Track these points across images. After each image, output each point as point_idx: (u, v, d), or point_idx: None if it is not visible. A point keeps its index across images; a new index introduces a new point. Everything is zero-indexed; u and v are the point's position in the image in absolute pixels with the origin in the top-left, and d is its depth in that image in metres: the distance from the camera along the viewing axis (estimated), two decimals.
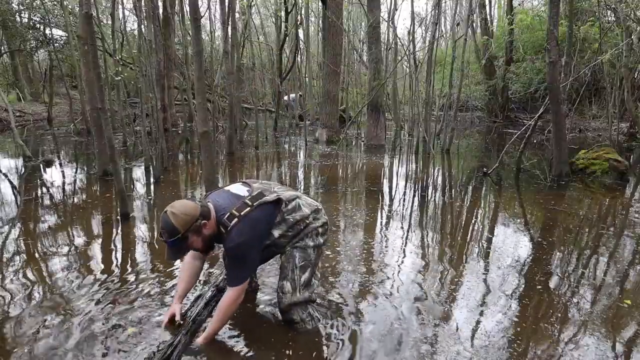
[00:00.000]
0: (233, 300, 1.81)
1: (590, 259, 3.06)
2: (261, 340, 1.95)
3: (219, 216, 1.82)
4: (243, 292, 1.85)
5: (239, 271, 1.82)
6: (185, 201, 1.80)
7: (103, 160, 5.38)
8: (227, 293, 1.83)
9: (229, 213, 1.80)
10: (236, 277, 1.82)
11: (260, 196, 1.87)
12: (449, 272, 2.74)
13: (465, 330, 2.06)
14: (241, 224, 1.78)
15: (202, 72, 4.01)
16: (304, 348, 1.90)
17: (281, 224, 1.92)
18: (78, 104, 11.79)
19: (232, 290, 1.82)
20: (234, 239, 1.77)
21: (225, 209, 1.82)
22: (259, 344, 1.93)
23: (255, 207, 1.82)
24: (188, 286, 2.07)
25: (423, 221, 4.01)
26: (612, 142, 7.98)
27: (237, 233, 1.77)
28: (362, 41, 18.95)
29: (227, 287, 1.84)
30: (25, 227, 3.56)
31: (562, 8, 8.84)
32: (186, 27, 11.66)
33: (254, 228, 1.81)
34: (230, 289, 1.82)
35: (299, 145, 9.71)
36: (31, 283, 2.50)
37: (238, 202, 1.84)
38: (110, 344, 1.90)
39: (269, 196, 1.88)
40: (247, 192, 1.90)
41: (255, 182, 2.01)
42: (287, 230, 1.94)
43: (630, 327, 2.12)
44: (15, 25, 14.23)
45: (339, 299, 2.34)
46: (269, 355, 1.85)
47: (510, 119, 15.09)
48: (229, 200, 1.87)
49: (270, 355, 1.85)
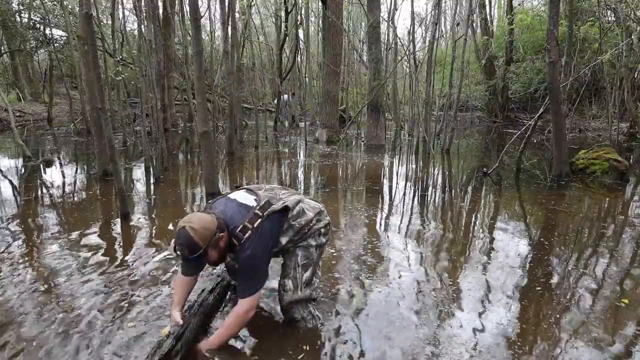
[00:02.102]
0: (245, 311, 1.80)
1: (590, 259, 3.06)
2: (262, 338, 1.96)
3: (231, 229, 1.79)
4: (255, 304, 1.84)
5: (252, 282, 1.81)
6: (202, 215, 1.76)
7: (103, 160, 5.38)
8: (240, 304, 1.81)
9: (242, 225, 1.79)
10: (249, 288, 1.81)
11: (269, 205, 1.86)
12: (449, 272, 2.74)
13: (466, 331, 2.06)
14: (254, 237, 1.78)
15: (202, 72, 4.01)
16: (305, 346, 1.90)
17: (288, 231, 1.93)
18: (78, 104, 11.78)
19: (244, 301, 1.80)
20: (247, 251, 1.76)
21: (236, 221, 1.81)
22: (260, 342, 1.93)
23: (266, 218, 1.82)
24: (184, 295, 1.98)
25: (423, 221, 4.01)
26: (612, 142, 7.98)
27: (251, 246, 1.76)
28: (362, 41, 18.94)
29: (239, 299, 1.82)
30: (25, 227, 3.56)
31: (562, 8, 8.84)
32: (186, 27, 11.66)
33: (266, 239, 1.81)
34: (243, 300, 1.80)
35: (299, 145, 9.71)
36: (31, 283, 2.50)
37: (248, 214, 1.83)
38: (111, 342, 1.90)
39: (277, 204, 1.88)
40: (254, 202, 1.88)
41: (259, 188, 1.99)
42: (294, 235, 1.95)
43: (629, 327, 2.12)
44: (15, 25, 14.24)
45: (340, 298, 2.35)
46: (270, 352, 1.86)
47: (510, 119, 15.09)
48: (238, 212, 1.85)
49: (272, 352, 1.86)
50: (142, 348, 1.87)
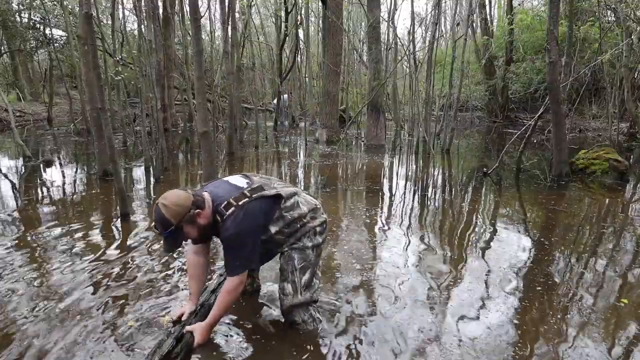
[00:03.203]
0: (231, 289, 1.79)
1: (590, 259, 3.06)
2: (264, 341, 1.96)
3: (215, 205, 1.78)
4: (242, 282, 1.82)
5: (236, 260, 1.79)
6: (177, 191, 1.76)
7: (103, 160, 5.38)
8: (226, 283, 1.81)
9: (226, 202, 1.77)
10: (235, 267, 1.79)
11: (260, 189, 1.84)
12: (450, 272, 2.74)
13: (467, 331, 2.06)
14: (237, 213, 1.75)
15: (202, 72, 4.01)
16: (306, 348, 1.90)
17: (279, 221, 1.89)
18: (78, 104, 11.79)
19: (230, 279, 1.80)
20: (229, 228, 1.74)
21: (222, 198, 1.80)
22: (261, 345, 1.93)
23: (254, 199, 1.80)
24: (200, 284, 2.03)
25: (423, 221, 4.01)
26: (612, 142, 7.98)
27: (233, 222, 1.74)
28: (362, 41, 18.94)
29: (227, 277, 1.83)
30: (25, 227, 3.56)
31: (562, 8, 8.85)
32: (186, 27, 11.66)
33: (250, 218, 1.77)
34: (229, 278, 1.80)
35: (299, 145, 9.71)
36: (30, 283, 2.49)
37: (236, 192, 1.81)
38: (110, 341, 1.90)
39: (269, 191, 1.86)
40: (246, 184, 1.87)
41: (255, 175, 1.99)
42: (284, 227, 1.91)
43: (628, 327, 2.12)
44: (15, 25, 14.24)
45: (340, 299, 2.35)
46: (271, 355, 1.86)
47: (510, 119, 15.10)
48: (227, 190, 1.84)
49: (273, 355, 1.86)
50: (141, 347, 1.87)
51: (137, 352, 1.85)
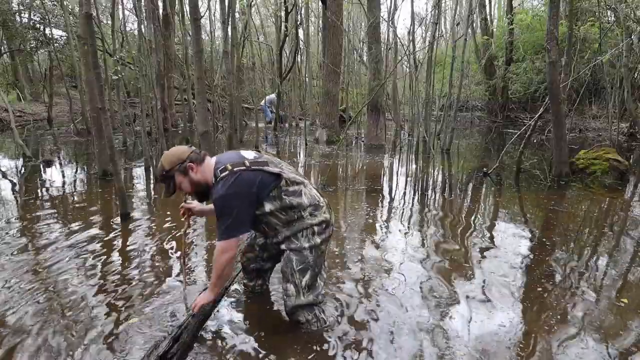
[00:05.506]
0: (219, 252, 1.81)
1: (590, 259, 3.06)
2: (268, 340, 1.97)
3: (215, 168, 1.85)
4: (231, 247, 1.81)
5: (225, 224, 1.79)
6: (180, 146, 1.94)
7: (103, 160, 5.38)
8: (216, 246, 1.83)
9: (224, 166, 1.82)
10: (223, 232, 1.80)
11: (263, 164, 1.85)
12: (450, 272, 2.74)
13: (468, 331, 2.06)
14: (229, 177, 1.78)
15: (202, 72, 4.01)
16: (310, 347, 1.91)
17: (275, 200, 1.86)
18: (78, 104, 11.77)
19: (218, 244, 1.81)
20: (219, 190, 1.78)
21: (223, 162, 1.85)
22: (265, 343, 1.94)
23: (251, 169, 1.82)
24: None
25: (424, 220, 4.01)
26: (612, 142, 7.98)
27: (223, 186, 1.77)
28: (362, 41, 18.93)
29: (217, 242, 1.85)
30: (25, 227, 3.55)
31: (562, 8, 8.85)
32: (186, 27, 11.66)
33: (240, 184, 1.78)
34: (217, 243, 1.82)
35: (299, 145, 9.71)
36: (30, 283, 2.49)
37: (237, 159, 1.85)
38: (109, 340, 1.90)
39: (272, 168, 1.86)
40: (253, 157, 1.90)
41: (268, 154, 2.01)
42: (280, 210, 1.88)
43: (629, 327, 2.12)
44: (15, 25, 14.21)
45: (343, 299, 2.35)
46: (275, 353, 1.86)
47: (510, 119, 15.09)
48: (231, 158, 1.88)
49: (277, 354, 1.86)
50: (140, 347, 1.87)
51: (135, 351, 1.85)
